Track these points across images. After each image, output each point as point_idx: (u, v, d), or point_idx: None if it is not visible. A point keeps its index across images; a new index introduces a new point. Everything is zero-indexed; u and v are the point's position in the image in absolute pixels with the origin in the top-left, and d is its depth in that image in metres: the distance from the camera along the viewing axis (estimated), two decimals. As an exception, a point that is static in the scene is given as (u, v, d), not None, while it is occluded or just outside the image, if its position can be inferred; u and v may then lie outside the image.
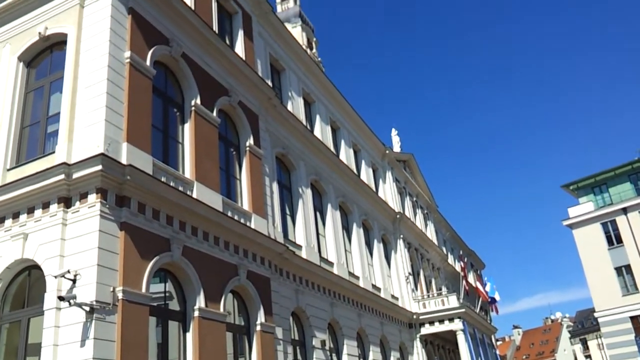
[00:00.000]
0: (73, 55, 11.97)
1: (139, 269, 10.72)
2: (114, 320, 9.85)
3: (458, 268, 43.83)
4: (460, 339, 28.49)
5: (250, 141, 16.55)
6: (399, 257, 30.25)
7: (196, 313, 12.09)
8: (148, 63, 12.67)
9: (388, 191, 31.88)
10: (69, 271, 9.68)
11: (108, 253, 10.15)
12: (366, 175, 28.77)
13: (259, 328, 14.42)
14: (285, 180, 19.92)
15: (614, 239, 40.03)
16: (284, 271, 16.99)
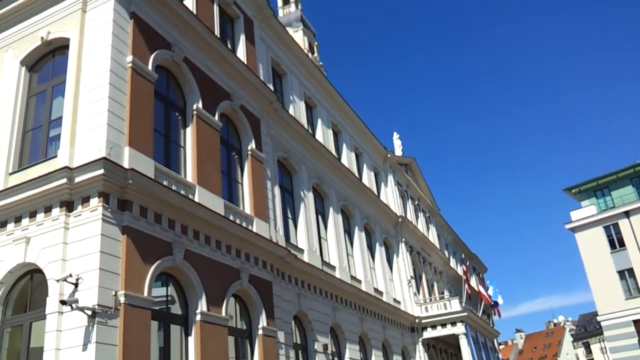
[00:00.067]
0: (75, 59, 12.01)
1: (141, 273, 10.73)
2: (116, 324, 9.86)
3: (460, 272, 43.74)
4: (463, 342, 28.41)
5: (252, 145, 16.57)
6: (401, 261, 30.21)
7: (198, 317, 12.09)
8: (150, 67, 12.71)
9: (390, 195, 31.88)
10: (71, 275, 9.68)
11: (110, 257, 10.16)
12: (368, 178, 28.77)
13: (261, 332, 14.41)
14: (287, 184, 19.93)
15: (616, 242, 39.92)
16: (285, 275, 16.98)
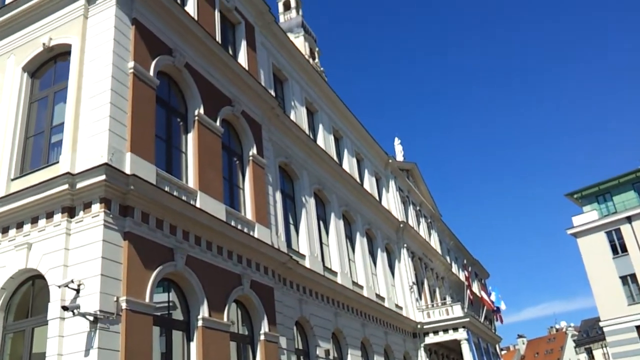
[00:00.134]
0: (77, 65, 12.03)
1: (142, 279, 10.72)
2: (117, 330, 9.84)
3: (462, 277, 43.62)
4: (465, 348, 28.35)
5: (254, 151, 16.58)
6: (403, 267, 30.16)
7: (200, 323, 12.06)
8: (151, 73, 12.73)
9: (391, 200, 31.86)
10: (72, 281, 9.68)
11: (112, 263, 10.15)
12: (369, 184, 28.76)
13: (262, 337, 14.38)
14: (289, 189, 19.92)
15: (618, 247, 39.85)
16: (287, 281, 16.95)
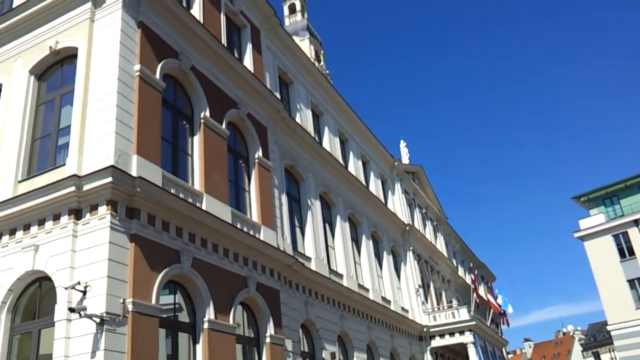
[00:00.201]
0: (83, 68, 12.09)
1: (148, 281, 10.75)
2: (124, 332, 9.87)
3: (468, 280, 43.49)
4: (471, 351, 28.22)
5: (259, 153, 16.61)
6: (409, 269, 30.09)
7: (206, 325, 12.07)
8: (158, 76, 12.78)
9: (397, 203, 31.81)
10: (79, 283, 9.71)
11: (118, 265, 10.18)
12: (375, 187, 28.73)
13: (268, 340, 14.37)
14: (294, 192, 19.93)
15: (626, 251, 39.59)
16: (293, 283, 16.95)
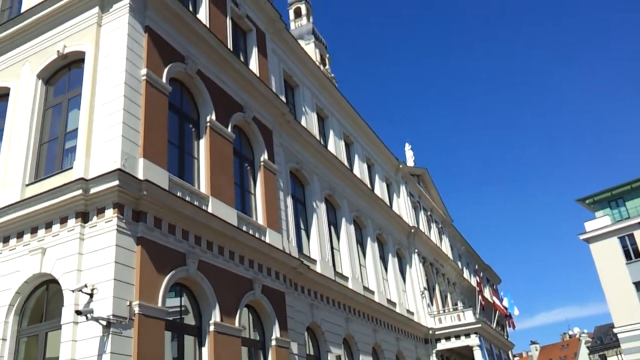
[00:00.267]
0: (91, 72, 12.18)
1: (155, 284, 10.80)
2: (130, 335, 9.91)
3: (474, 283, 43.42)
4: (477, 354, 28.16)
5: (265, 156, 16.66)
6: (414, 272, 30.07)
7: (212, 327, 12.11)
8: (164, 80, 12.86)
9: (402, 205, 31.81)
10: (86, 285, 9.75)
11: (125, 267, 10.24)
12: (380, 189, 28.75)
13: (274, 343, 14.39)
14: (300, 194, 19.98)
15: (631, 253, 39.39)
16: (298, 286, 16.98)
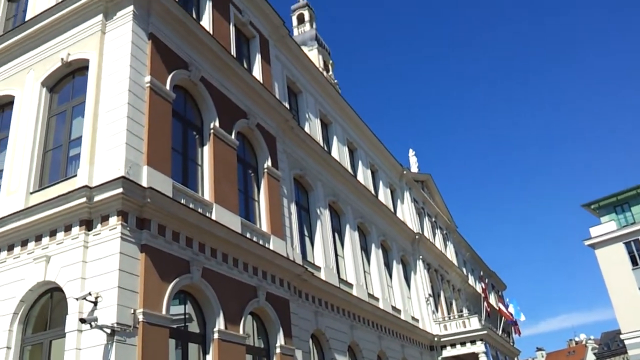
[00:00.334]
0: (94, 80, 12.20)
1: (159, 291, 10.76)
2: (134, 343, 9.87)
3: (479, 289, 43.22)
4: (483, 361, 28.01)
5: (268, 163, 16.64)
6: (419, 278, 29.95)
7: (216, 335, 12.05)
8: (168, 87, 12.87)
9: (406, 212, 31.73)
10: (90, 293, 9.71)
11: (129, 275, 10.21)
12: (384, 195, 28.67)
13: (278, 350, 14.32)
14: (303, 201, 19.94)
15: (637, 259, 39.21)
16: (303, 293, 16.91)
